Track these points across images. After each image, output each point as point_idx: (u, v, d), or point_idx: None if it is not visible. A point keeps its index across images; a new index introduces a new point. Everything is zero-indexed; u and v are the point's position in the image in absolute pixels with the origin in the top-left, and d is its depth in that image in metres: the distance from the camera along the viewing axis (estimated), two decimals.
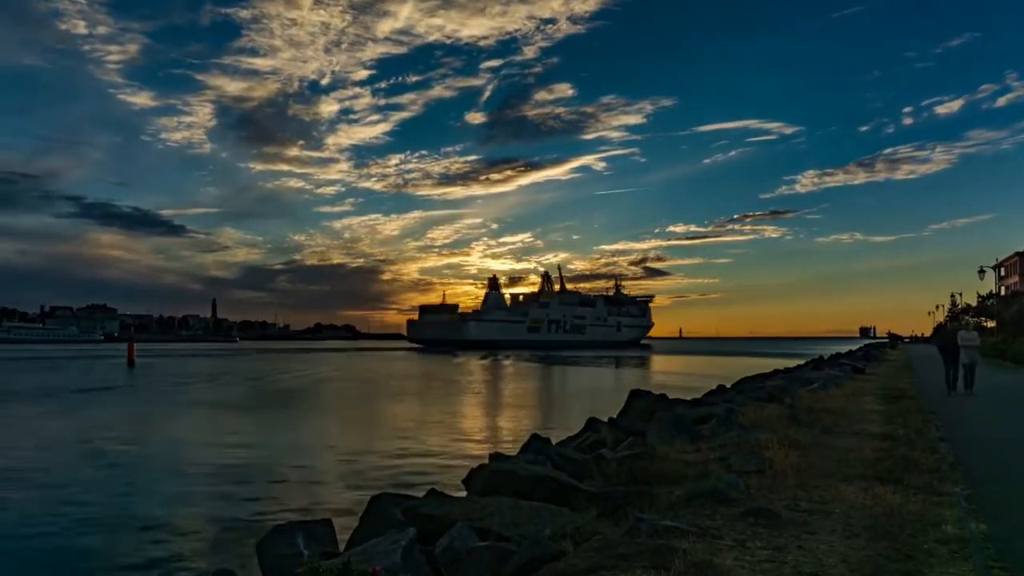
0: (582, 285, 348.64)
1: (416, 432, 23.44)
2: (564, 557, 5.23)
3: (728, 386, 26.06)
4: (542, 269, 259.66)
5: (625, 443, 11.56)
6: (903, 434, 11.61)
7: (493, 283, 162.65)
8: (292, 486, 15.15)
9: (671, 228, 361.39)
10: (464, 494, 8.76)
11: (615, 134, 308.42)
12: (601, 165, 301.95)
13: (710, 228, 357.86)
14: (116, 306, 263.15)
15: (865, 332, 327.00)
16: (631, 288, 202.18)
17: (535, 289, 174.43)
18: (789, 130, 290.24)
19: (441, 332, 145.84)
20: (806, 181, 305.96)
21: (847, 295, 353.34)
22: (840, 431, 12.18)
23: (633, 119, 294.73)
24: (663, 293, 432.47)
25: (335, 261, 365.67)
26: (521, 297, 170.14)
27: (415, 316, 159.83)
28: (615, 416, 16.50)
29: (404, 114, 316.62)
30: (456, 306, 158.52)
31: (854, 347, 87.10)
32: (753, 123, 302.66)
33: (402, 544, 5.49)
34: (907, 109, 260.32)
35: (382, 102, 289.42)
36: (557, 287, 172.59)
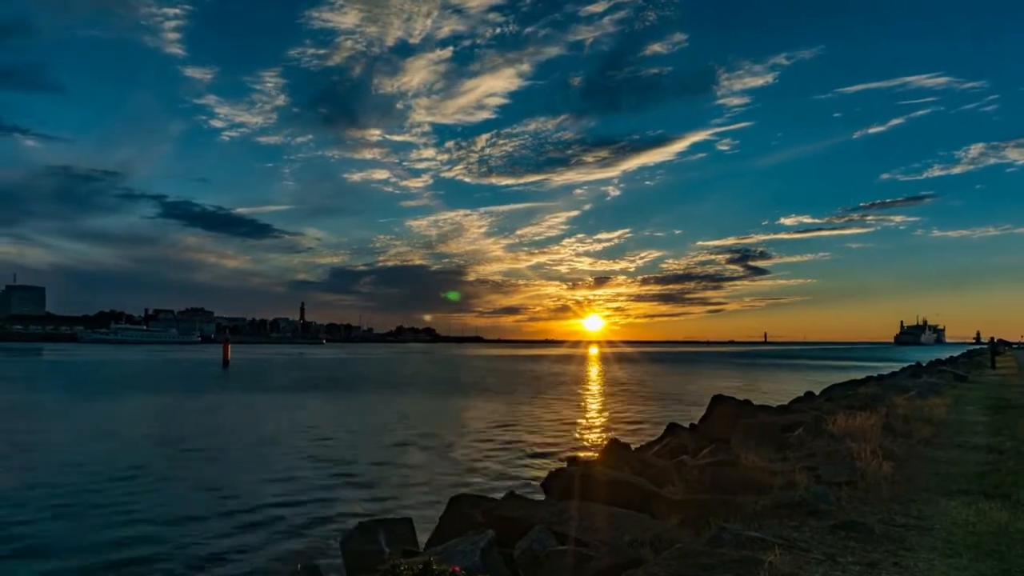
0: (672, 287, 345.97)
1: None
2: (643, 565, 5.15)
3: (816, 392, 25.06)
4: (632, 268, 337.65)
5: (707, 450, 11.29)
6: (1011, 447, 10.85)
7: (902, 325, 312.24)
8: None
9: (782, 220, 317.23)
10: (542, 497, 8.77)
11: (736, 101, 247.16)
12: (715, 144, 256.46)
13: (825, 220, 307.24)
14: (212, 309, 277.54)
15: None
16: (729, 288, 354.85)
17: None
18: (963, 86, 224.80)
19: (911, 340, 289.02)
20: (967, 157, 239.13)
21: (961, 296, 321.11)
22: (940, 442, 11.50)
23: (761, 80, 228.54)
24: (756, 295, 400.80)
25: (417, 262, 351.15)
26: (906, 325, 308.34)
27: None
28: (696, 422, 16.16)
29: (493, 81, 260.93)
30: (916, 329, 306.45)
31: (956, 353, 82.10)
32: (916, 80, 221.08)
33: (481, 545, 5.54)
34: None
35: (474, 67, 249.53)
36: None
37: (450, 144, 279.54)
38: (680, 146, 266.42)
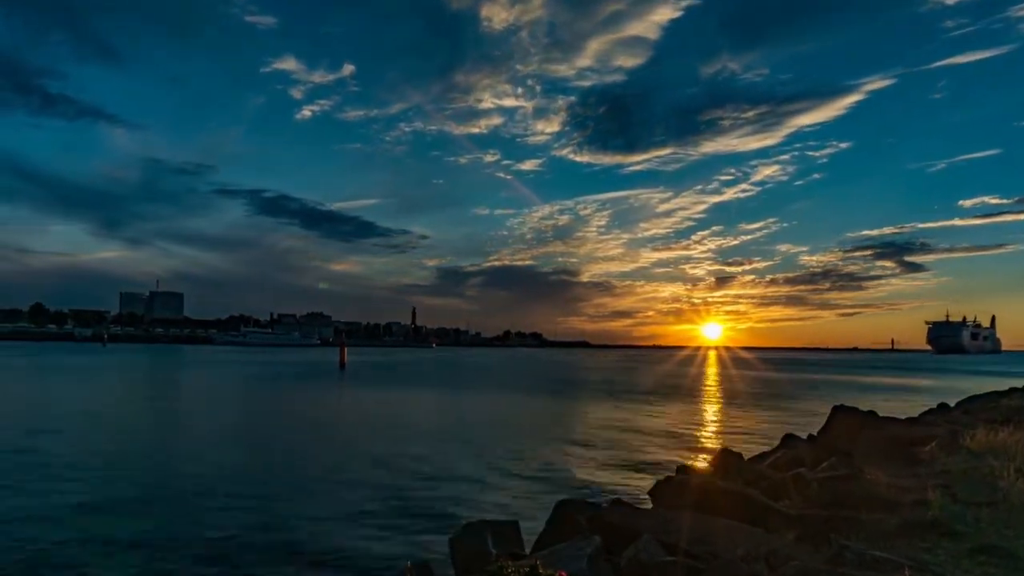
0: (802, 288, 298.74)
1: None
2: None
3: (952, 404, 23.20)
4: (762, 267, 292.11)
5: (827, 463, 10.69)
6: None
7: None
8: None
9: (961, 203, 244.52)
10: (649, 505, 8.60)
11: (950, 23, 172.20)
12: (902, 92, 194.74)
13: (1015, 200, 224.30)
14: (330, 313, 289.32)
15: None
16: (873, 288, 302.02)
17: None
18: None
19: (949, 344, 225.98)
20: None
21: None
22: None
23: None
24: (904, 296, 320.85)
25: (527, 262, 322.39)
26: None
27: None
28: (815, 433, 15.35)
29: (620, 5, 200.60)
30: None
31: None
32: None
33: (588, 551, 5.50)
34: None
35: None
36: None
37: (563, 108, 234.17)
38: (854, 98, 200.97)
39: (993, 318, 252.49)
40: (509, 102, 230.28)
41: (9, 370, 60.97)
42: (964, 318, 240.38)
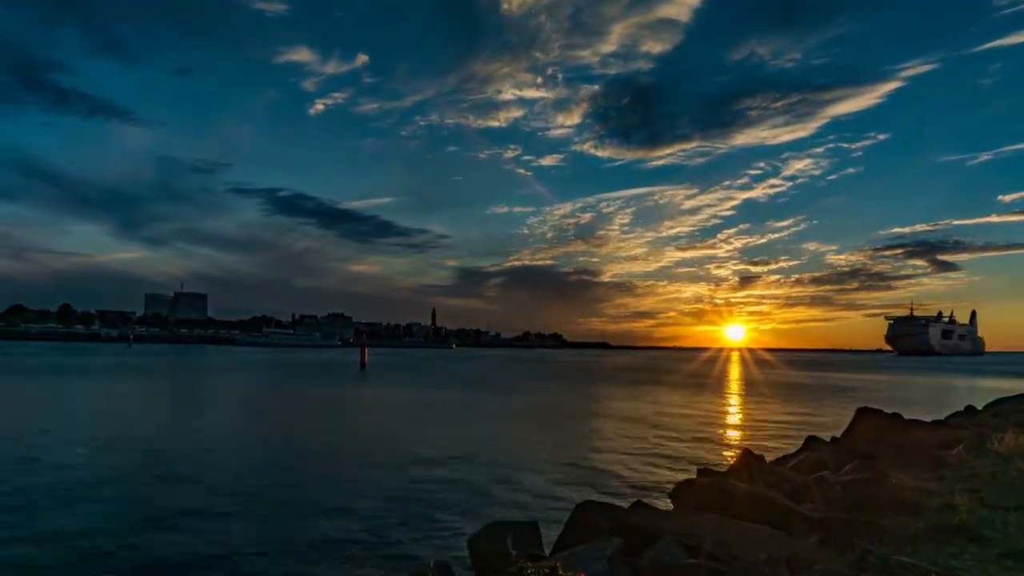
0: (827, 288, 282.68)
1: None
2: None
3: (979, 407, 22.81)
4: (787, 266, 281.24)
5: (850, 466, 10.57)
6: None
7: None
8: None
9: (1001, 197, 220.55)
10: (670, 507, 8.56)
11: (1002, 5, 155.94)
12: (951, 78, 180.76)
13: None
14: (352, 314, 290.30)
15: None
16: (902, 288, 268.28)
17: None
18: None
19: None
20: None
21: None
22: None
23: None
24: (935, 296, 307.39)
25: (548, 262, 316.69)
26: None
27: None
28: (838, 435, 15.18)
29: None
30: None
31: None
32: None
33: (607, 553, 5.50)
34: None
35: None
36: None
37: (585, 99, 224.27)
38: (893, 85, 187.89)
39: (973, 314, 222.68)
40: (529, 93, 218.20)
41: (50, 370, 62.19)
42: (939, 313, 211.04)
